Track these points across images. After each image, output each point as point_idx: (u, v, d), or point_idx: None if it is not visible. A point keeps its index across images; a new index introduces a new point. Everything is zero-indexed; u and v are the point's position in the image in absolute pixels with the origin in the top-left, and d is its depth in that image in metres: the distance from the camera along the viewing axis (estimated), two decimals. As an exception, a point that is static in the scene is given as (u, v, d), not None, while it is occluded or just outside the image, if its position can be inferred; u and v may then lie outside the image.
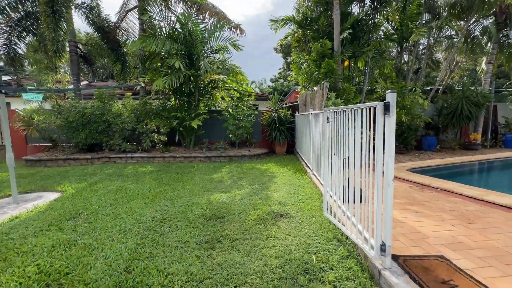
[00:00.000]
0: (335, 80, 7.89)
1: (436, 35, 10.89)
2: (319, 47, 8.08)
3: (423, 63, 11.05)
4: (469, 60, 15.41)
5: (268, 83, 45.77)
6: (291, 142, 10.40)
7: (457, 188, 4.53)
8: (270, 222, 3.52)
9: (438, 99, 10.52)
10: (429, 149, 9.73)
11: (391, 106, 2.02)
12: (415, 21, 8.99)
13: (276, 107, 10.13)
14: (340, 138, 2.94)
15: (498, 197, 3.98)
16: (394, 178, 5.64)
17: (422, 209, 3.68)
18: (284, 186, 5.34)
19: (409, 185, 5.00)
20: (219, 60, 9.67)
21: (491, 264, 2.29)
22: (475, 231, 2.97)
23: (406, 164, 6.92)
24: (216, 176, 6.43)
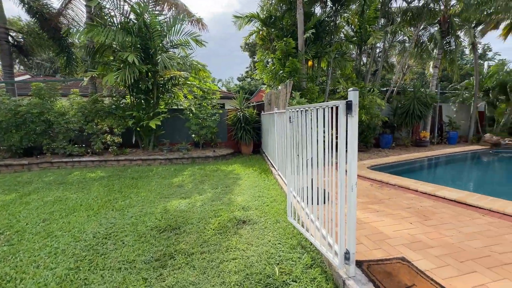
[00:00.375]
0: (299, 79, 7.90)
1: (390, 40, 11.61)
2: (284, 46, 8.01)
3: (380, 66, 11.71)
4: (418, 64, 16.86)
5: (235, 82, 45.39)
6: (257, 142, 10.25)
7: (413, 184, 4.74)
8: (231, 230, 3.25)
9: (393, 100, 11.23)
10: (386, 147, 10.34)
11: (353, 105, 1.88)
12: (372, 25, 9.43)
13: (242, 106, 9.88)
14: (303, 138, 2.78)
15: (448, 192, 4.22)
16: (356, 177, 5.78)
17: (383, 208, 3.73)
18: (248, 189, 5.11)
19: (370, 183, 5.12)
20: (180, 56, 9.08)
21: (448, 262, 2.31)
22: (431, 228, 3.04)
23: (367, 162, 7.18)
24: (176, 180, 5.96)
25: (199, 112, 8.98)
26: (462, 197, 3.97)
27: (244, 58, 49.53)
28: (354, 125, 1.90)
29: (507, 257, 2.40)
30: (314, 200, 2.70)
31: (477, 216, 3.37)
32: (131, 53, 7.02)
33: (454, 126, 12.20)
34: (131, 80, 7.11)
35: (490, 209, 3.56)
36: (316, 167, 2.53)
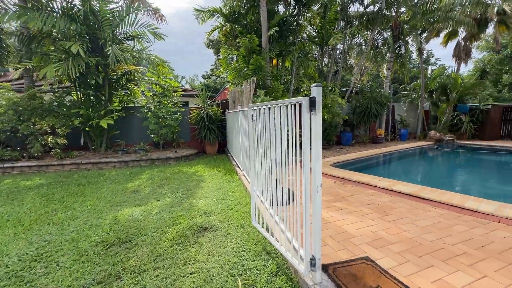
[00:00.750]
0: (263, 77, 7.80)
1: (349, 42, 12.19)
2: (247, 43, 7.84)
3: (340, 67, 12.23)
4: (374, 66, 18.08)
5: (200, 79, 44.15)
6: (222, 141, 9.94)
7: (372, 180, 4.92)
8: (191, 239, 2.96)
9: (352, 99, 11.82)
10: (347, 144, 10.82)
11: (317, 101, 1.75)
12: (332, 26, 9.76)
13: (205, 104, 9.47)
14: (266, 137, 2.61)
15: (403, 187, 4.45)
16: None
17: (346, 205, 3.76)
18: (212, 192, 4.82)
19: (333, 181, 5.21)
20: (135, 49, 8.34)
21: (408, 258, 2.34)
22: (390, 223, 3.12)
23: (330, 159, 7.37)
24: (132, 185, 5.41)
25: (158, 110, 8.37)
26: (415, 191, 4.21)
27: (210, 56, 48.40)
28: (318, 123, 1.78)
29: (457, 248, 2.52)
30: (279, 201, 2.56)
31: (430, 209, 3.57)
32: (75, 43, 6.19)
33: (405, 124, 13.31)
34: (75, 73, 6.27)
35: (440, 201, 3.81)
36: (280, 167, 2.39)
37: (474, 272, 2.13)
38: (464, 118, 12.64)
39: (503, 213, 3.25)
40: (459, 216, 3.30)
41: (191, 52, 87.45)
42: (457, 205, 3.62)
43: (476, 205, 3.53)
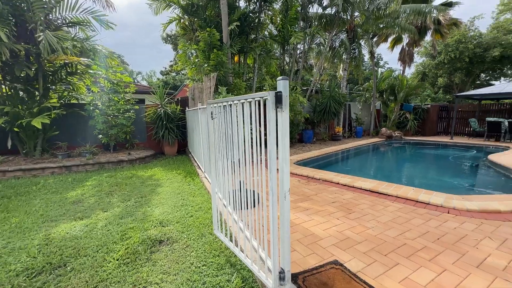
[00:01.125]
0: (225, 74, 7.49)
1: (309, 42, 12.50)
2: (207, 37, 7.43)
3: (301, 66, 12.49)
4: (331, 67, 18.99)
5: (158, 76, 41.72)
6: (182, 141, 9.37)
7: (335, 177, 5.00)
8: (143, 256, 2.56)
9: (312, 98, 12.16)
10: (309, 142, 11.09)
11: (283, 97, 1.55)
12: (293, 25, 9.85)
13: (163, 102, 8.79)
14: (228, 137, 2.36)
15: (363, 183, 4.59)
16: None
17: (312, 205, 3.70)
18: (170, 197, 4.39)
19: (298, 179, 5.17)
20: (79, 38, 7.31)
21: (374, 258, 2.31)
22: (354, 221, 3.12)
23: (293, 158, 7.39)
24: (73, 194, 4.66)
25: (107, 108, 7.48)
26: (374, 186, 4.36)
27: (169, 51, 45.76)
28: (285, 121, 1.58)
29: (417, 243, 2.59)
30: (243, 205, 2.33)
31: (389, 204, 3.70)
32: (-6, 26, 5.12)
33: (360, 122, 14.21)
34: (-4, 62, 5.20)
35: (396, 195, 3.99)
36: (244, 167, 2.16)
37: (435, 267, 2.18)
38: (409, 116, 13.96)
39: (451, 204, 3.50)
40: (414, 209, 3.47)
41: (148, 46, 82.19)
42: (412, 199, 3.82)
43: (427, 197, 3.75)
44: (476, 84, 20.93)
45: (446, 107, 14.30)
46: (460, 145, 10.47)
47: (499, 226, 2.93)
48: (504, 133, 10.70)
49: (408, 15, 12.22)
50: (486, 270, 2.12)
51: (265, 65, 10.82)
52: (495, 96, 11.53)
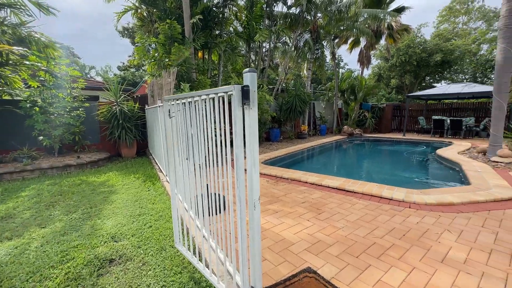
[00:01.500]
0: (188, 69, 7.04)
1: (275, 41, 12.51)
2: (167, 29, 6.90)
3: (267, 64, 12.45)
4: (296, 67, 19.39)
5: (115, 71, 38.64)
6: (142, 142, 8.65)
7: (303, 176, 4.97)
8: (87, 282, 2.15)
9: (279, 97, 12.21)
10: (276, 140, 11.11)
11: (251, 91, 1.34)
12: (259, 23, 9.71)
13: (118, 99, 7.99)
14: (189, 137, 2.08)
15: (330, 181, 4.62)
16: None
17: (282, 207, 3.57)
18: (125, 206, 3.91)
19: (266, 180, 5.03)
20: (10, 23, 6.21)
21: (347, 261, 2.24)
22: (325, 222, 3.06)
23: (261, 157, 7.27)
24: (2, 208, 3.89)
25: (49, 105, 6.52)
26: (341, 184, 4.41)
27: (127, 46, 42.19)
28: (253, 119, 1.38)
29: (386, 241, 2.60)
30: (210, 210, 2.07)
31: (356, 201, 3.74)
32: None
33: (324, 120, 14.71)
34: None
35: (362, 192, 4.06)
36: (206, 168, 1.91)
37: (404, 265, 2.17)
38: (367, 115, 14.85)
39: (411, 199, 3.66)
40: (380, 206, 3.54)
41: (103, 40, 75.63)
42: (376, 195, 3.92)
43: (390, 193, 3.89)
44: (422, 86, 23.20)
45: (398, 106, 15.53)
46: (412, 141, 11.42)
47: (454, 218, 3.11)
48: (447, 129, 11.95)
49: (366, 19, 12.94)
50: (449, 265, 2.18)
51: (231, 62, 10.53)
52: (438, 96, 12.83)
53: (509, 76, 6.27)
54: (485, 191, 3.93)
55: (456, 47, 19.60)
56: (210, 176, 1.89)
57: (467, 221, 3.03)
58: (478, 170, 5.22)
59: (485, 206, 3.46)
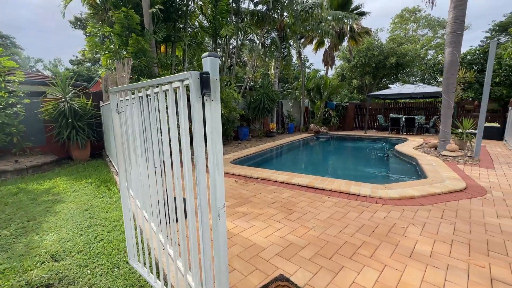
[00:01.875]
0: (148, 63, 6.49)
1: (242, 38, 12.29)
2: (124, 19, 6.27)
3: (234, 61, 12.19)
4: (263, 65, 19.42)
5: (67, 65, 35.05)
6: (97, 143, 7.82)
7: (272, 175, 4.86)
8: (13, 317, 1.73)
9: (247, 95, 12.05)
10: (244, 139, 10.94)
11: (212, 79, 1.11)
12: (225, 18, 9.40)
13: (66, 95, 7.09)
14: (141, 135, 1.78)
15: (300, 179, 4.58)
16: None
17: (251, 208, 3.39)
18: (73, 216, 3.39)
19: (235, 180, 4.82)
20: None
21: (320, 264, 2.14)
22: (296, 222, 2.95)
23: (229, 156, 7.02)
24: None
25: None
26: (310, 182, 4.38)
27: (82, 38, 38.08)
28: (216, 114, 1.16)
29: (356, 239, 2.57)
30: (169, 219, 1.79)
31: (325, 199, 3.72)
32: None
33: (291, 119, 14.94)
34: None
35: (331, 189, 4.07)
36: (161, 171, 1.64)
37: (376, 264, 2.14)
38: (332, 113, 15.44)
39: (377, 194, 3.75)
40: (348, 202, 3.56)
41: (54, 30, 67.99)
42: (344, 191, 3.95)
43: (358, 189, 3.95)
44: (379, 86, 24.91)
45: (360, 105, 16.43)
46: (373, 138, 12.11)
47: (417, 211, 3.24)
48: (402, 127, 12.93)
49: (330, 21, 13.38)
50: (418, 259, 2.20)
51: (197, 58, 10.05)
52: (394, 96, 13.83)
53: (455, 77, 6.89)
54: (440, 183, 4.20)
55: (408, 51, 21.36)
56: (170, 179, 1.62)
57: (428, 213, 3.17)
58: (432, 164, 5.63)
59: (442, 197, 3.68)
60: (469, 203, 3.49)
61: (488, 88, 6.19)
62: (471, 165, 5.67)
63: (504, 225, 2.84)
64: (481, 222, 2.93)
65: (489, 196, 3.78)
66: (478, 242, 2.48)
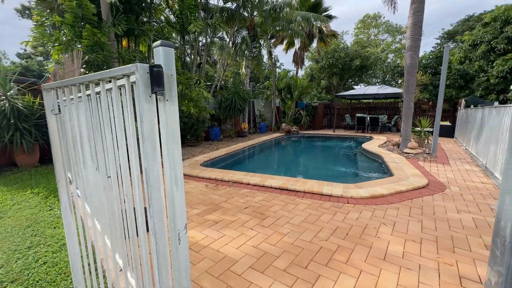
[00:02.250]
0: (106, 58, 5.90)
1: (212, 35, 11.92)
2: (76, 7, 5.62)
3: (204, 59, 11.77)
4: (234, 64, 19.15)
5: (14, 59, 31.37)
6: (48, 147, 6.94)
7: (245, 178, 4.69)
8: None
9: (217, 94, 11.73)
10: (216, 139, 10.62)
11: (166, 75, 0.90)
12: (193, 13, 9.00)
13: (7, 92, 6.18)
14: (90, 139, 1.48)
15: (272, 181, 4.47)
16: (189, 178, 5.09)
17: (222, 215, 3.18)
18: (10, 236, 2.87)
19: (205, 184, 4.55)
20: None
21: (296, 275, 2.01)
22: (269, 229, 2.81)
23: (199, 158, 6.70)
24: None
25: None
26: (283, 183, 4.29)
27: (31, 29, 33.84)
28: (173, 117, 0.94)
29: (331, 243, 2.50)
30: (129, 234, 1.52)
31: (299, 201, 3.64)
32: None
33: (263, 118, 14.92)
34: None
35: (304, 190, 4.02)
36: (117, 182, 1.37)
37: (352, 270, 2.08)
38: (302, 113, 15.74)
39: (349, 194, 3.78)
40: (322, 204, 3.52)
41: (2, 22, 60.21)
42: (317, 192, 3.92)
43: (330, 189, 3.94)
44: (345, 87, 26.10)
45: (328, 105, 16.99)
46: (341, 137, 12.56)
47: (386, 210, 3.30)
48: (367, 126, 13.61)
49: (299, 21, 13.57)
50: (391, 261, 2.18)
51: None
52: (359, 97, 14.51)
53: (415, 79, 7.35)
54: (406, 180, 4.38)
55: (371, 54, 22.64)
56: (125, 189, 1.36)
57: (397, 211, 3.24)
58: (396, 162, 5.91)
59: (407, 195, 3.82)
60: (432, 199, 3.66)
61: (443, 90, 6.69)
62: (430, 162, 6.06)
63: (464, 220, 3.00)
64: (444, 218, 3.06)
65: (448, 191, 4.02)
66: (444, 239, 2.56)
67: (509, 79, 12.63)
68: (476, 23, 19.11)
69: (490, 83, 13.09)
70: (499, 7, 13.97)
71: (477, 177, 4.83)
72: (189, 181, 4.77)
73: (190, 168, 5.52)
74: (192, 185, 4.49)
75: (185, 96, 8.01)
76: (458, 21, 24.34)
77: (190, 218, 3.09)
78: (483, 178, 4.80)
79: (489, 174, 5.00)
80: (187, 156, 7.00)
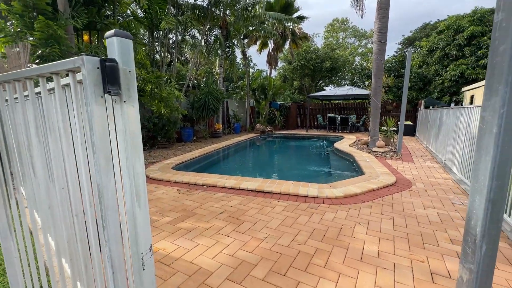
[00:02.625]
0: (63, 53, 5.34)
1: (183, 32, 11.49)
2: (26, -5, 5.01)
3: (175, 58, 11.31)
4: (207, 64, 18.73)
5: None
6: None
7: (219, 181, 4.52)
8: None
9: (190, 94, 11.34)
10: (188, 140, 10.25)
11: (122, 71, 0.74)
12: (162, 8, 8.57)
13: None
14: (33, 145, 1.24)
15: (248, 183, 4.37)
16: (160, 183, 4.75)
17: (196, 222, 3.00)
18: None
19: (177, 189, 4.30)
20: None
21: (275, 284, 1.93)
22: (246, 235, 2.71)
23: (171, 161, 6.38)
24: None
25: None
26: (259, 185, 4.22)
27: None
28: (132, 122, 0.79)
29: (309, 246, 2.47)
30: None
31: (275, 203, 3.58)
32: None
33: (237, 119, 14.77)
34: None
35: (280, 192, 3.97)
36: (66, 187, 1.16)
37: (331, 274, 2.05)
38: (276, 113, 15.88)
39: (324, 194, 3.81)
40: (298, 205, 3.50)
41: None
42: (293, 194, 3.90)
43: (306, 190, 3.95)
44: (317, 88, 26.95)
45: (301, 105, 17.35)
46: (314, 136, 12.87)
47: (360, 208, 3.37)
48: (338, 125, 14.12)
49: (272, 22, 13.65)
50: (368, 262, 2.20)
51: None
52: (330, 97, 15.03)
53: (381, 81, 7.74)
54: (376, 179, 4.56)
55: (340, 56, 23.60)
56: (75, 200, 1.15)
57: (370, 210, 3.33)
58: (367, 160, 6.15)
59: (378, 193, 3.96)
60: (400, 197, 3.83)
61: (406, 91, 7.12)
62: (396, 160, 6.41)
63: (430, 215, 3.17)
64: (413, 214, 3.20)
65: (414, 188, 4.25)
66: (414, 235, 2.66)
67: (460, 83, 13.95)
68: (432, 30, 20.85)
69: (444, 85, 14.34)
70: (450, 17, 15.36)
71: (438, 173, 5.19)
72: (160, 186, 4.48)
73: (161, 172, 5.21)
74: (163, 190, 4.22)
75: (155, 95, 7.59)
76: (416, 28, 26.36)
77: (161, 228, 2.87)
78: (443, 174, 5.17)
79: (448, 170, 5.41)
80: (157, 159, 6.63)
